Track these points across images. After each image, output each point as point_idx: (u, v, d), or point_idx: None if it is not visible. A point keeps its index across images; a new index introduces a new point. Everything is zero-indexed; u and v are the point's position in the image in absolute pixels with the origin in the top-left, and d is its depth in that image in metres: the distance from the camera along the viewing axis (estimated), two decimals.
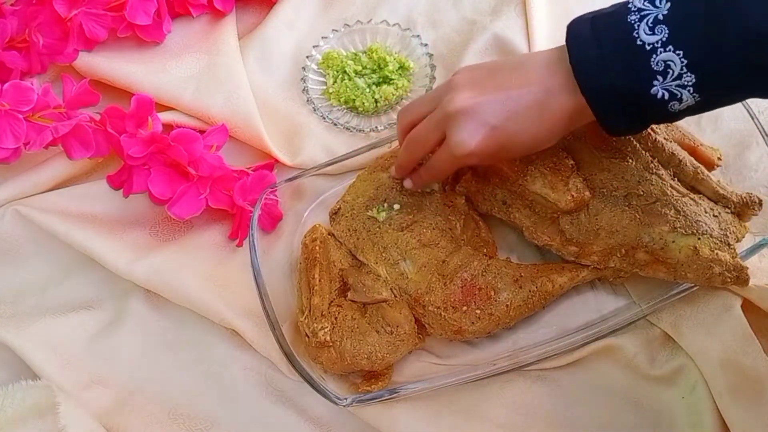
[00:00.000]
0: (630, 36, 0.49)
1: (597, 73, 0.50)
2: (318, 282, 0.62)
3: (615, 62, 0.50)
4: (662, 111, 0.50)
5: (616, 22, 0.50)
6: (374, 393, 0.60)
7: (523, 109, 0.54)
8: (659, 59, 0.48)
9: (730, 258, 0.59)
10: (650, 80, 0.49)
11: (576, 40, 0.52)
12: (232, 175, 0.69)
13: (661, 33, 0.48)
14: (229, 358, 0.66)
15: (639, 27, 0.49)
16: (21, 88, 0.65)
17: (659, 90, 0.49)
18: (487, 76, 0.56)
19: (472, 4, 0.82)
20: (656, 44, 0.48)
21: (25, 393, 0.61)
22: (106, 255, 0.68)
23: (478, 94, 0.55)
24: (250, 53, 0.79)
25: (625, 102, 0.51)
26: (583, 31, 0.52)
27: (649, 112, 0.51)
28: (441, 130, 0.57)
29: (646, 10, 0.49)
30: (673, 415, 0.62)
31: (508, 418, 0.62)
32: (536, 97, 0.53)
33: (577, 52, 0.51)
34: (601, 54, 0.50)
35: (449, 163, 0.58)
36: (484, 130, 0.54)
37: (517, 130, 0.54)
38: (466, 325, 0.61)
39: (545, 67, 0.54)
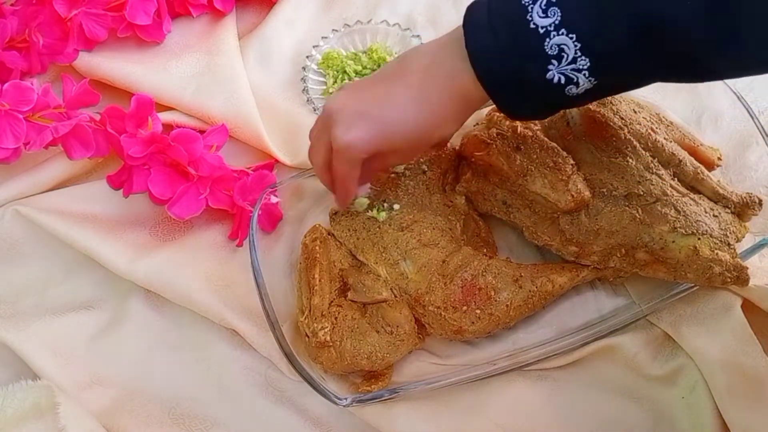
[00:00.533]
0: (524, 19, 0.48)
1: (492, 60, 0.49)
2: (318, 282, 0.62)
3: (509, 47, 0.48)
4: (560, 95, 0.49)
5: (510, 6, 0.49)
6: (374, 393, 0.60)
7: (399, 94, 0.52)
8: (553, 43, 0.47)
9: (730, 258, 0.59)
10: (545, 64, 0.48)
11: (472, 26, 0.51)
12: (232, 175, 0.69)
13: (554, 16, 0.47)
14: (229, 358, 0.66)
15: (533, 10, 0.47)
16: (21, 88, 0.65)
17: (555, 74, 0.48)
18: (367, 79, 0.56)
19: None
20: (549, 27, 0.47)
21: (25, 393, 0.61)
22: (106, 255, 0.68)
23: (354, 92, 0.55)
24: (250, 53, 0.79)
25: (522, 88, 0.50)
26: (480, 15, 0.50)
27: (548, 96, 0.50)
28: (326, 134, 0.55)
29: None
30: (673, 415, 0.62)
31: (508, 418, 0.62)
32: (417, 81, 0.52)
33: (473, 39, 0.50)
34: (495, 40, 0.49)
35: (342, 164, 0.56)
36: (359, 119, 0.53)
37: (396, 114, 0.53)
38: (466, 325, 0.61)
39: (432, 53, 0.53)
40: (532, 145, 0.64)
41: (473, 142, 0.66)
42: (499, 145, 0.64)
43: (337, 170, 0.57)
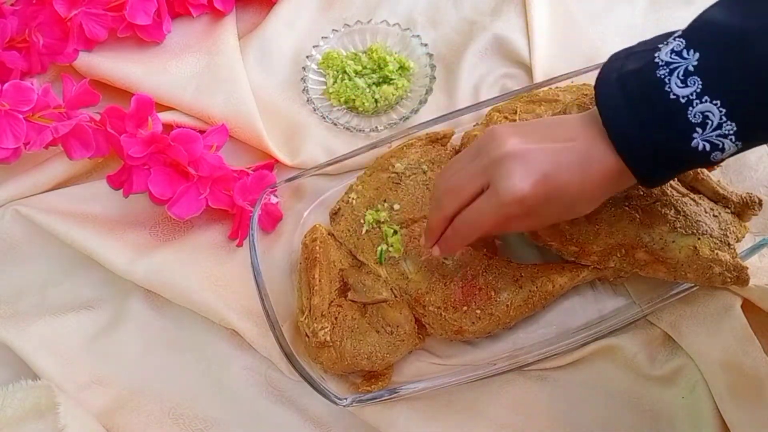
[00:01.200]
0: (662, 91, 0.47)
1: (634, 135, 0.49)
2: (318, 282, 0.62)
3: (651, 121, 0.48)
4: (704, 161, 0.49)
5: (646, 80, 0.48)
6: (374, 393, 0.60)
7: (569, 162, 0.51)
8: (696, 111, 0.47)
9: (730, 258, 0.59)
10: (689, 133, 0.47)
11: (607, 105, 0.50)
12: (232, 175, 0.69)
13: (695, 84, 0.46)
14: (229, 358, 0.66)
15: (670, 81, 0.47)
16: (21, 88, 0.65)
17: (699, 142, 0.47)
18: (529, 127, 0.53)
19: (472, 4, 0.82)
20: (691, 96, 0.46)
21: (25, 393, 0.61)
22: (106, 255, 0.68)
23: (527, 141, 0.52)
24: (250, 53, 0.79)
25: (665, 158, 0.49)
26: (614, 94, 0.50)
27: (692, 164, 0.50)
28: (485, 177, 0.52)
29: (674, 63, 0.47)
30: (673, 415, 0.62)
31: (508, 418, 0.62)
32: (579, 153, 0.51)
33: (610, 117, 0.50)
34: (634, 115, 0.48)
35: (492, 214, 0.52)
36: (536, 177, 0.50)
37: (566, 182, 0.51)
38: (466, 325, 0.61)
39: (582, 126, 0.52)
40: None
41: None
42: None
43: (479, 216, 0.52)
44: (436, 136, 0.69)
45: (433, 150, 0.68)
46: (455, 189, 0.54)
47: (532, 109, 0.68)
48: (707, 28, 0.48)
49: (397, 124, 0.75)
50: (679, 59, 0.47)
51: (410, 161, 0.67)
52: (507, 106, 0.69)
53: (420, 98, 0.76)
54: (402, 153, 0.68)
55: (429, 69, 0.77)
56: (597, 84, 0.51)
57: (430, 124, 0.69)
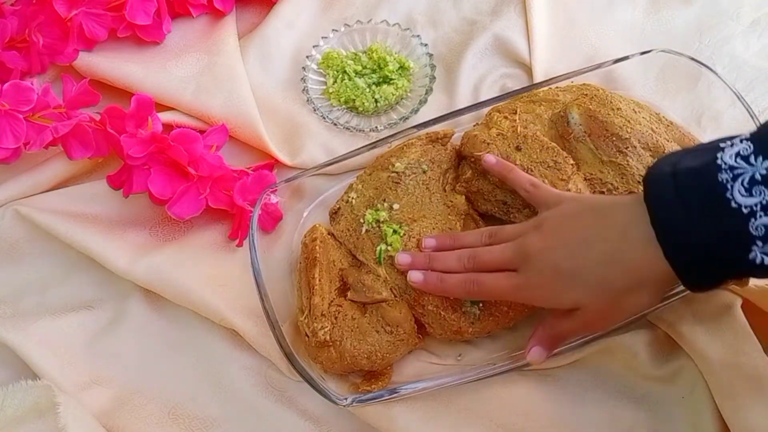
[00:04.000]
0: (723, 198, 0.44)
1: (684, 239, 0.46)
2: (318, 282, 0.62)
3: (706, 227, 0.45)
4: (760, 273, 0.46)
5: (705, 182, 0.45)
6: (374, 393, 0.60)
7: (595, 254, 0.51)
8: (759, 224, 0.43)
9: None
10: (749, 245, 0.44)
11: (659, 201, 0.47)
12: (232, 175, 0.69)
13: (760, 195, 0.43)
14: (229, 358, 0.66)
15: (733, 188, 0.44)
16: (21, 88, 0.65)
17: (758, 255, 0.44)
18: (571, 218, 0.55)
19: (472, 4, 0.82)
20: (755, 207, 0.43)
21: (25, 393, 0.61)
22: (106, 255, 0.68)
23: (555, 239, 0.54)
24: (250, 53, 0.79)
25: (717, 267, 0.47)
26: (666, 190, 0.47)
27: (746, 275, 0.48)
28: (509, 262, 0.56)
29: (739, 169, 0.44)
30: (673, 415, 0.62)
31: (508, 418, 0.62)
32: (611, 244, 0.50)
33: (660, 216, 0.47)
34: (688, 218, 0.45)
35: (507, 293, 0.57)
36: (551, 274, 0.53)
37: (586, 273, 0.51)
38: (466, 325, 0.61)
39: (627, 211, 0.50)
40: (532, 145, 0.64)
41: (473, 142, 0.66)
42: (499, 145, 0.64)
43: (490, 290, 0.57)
44: (436, 135, 0.69)
45: (433, 150, 0.68)
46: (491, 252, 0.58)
47: (532, 109, 0.68)
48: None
49: (397, 124, 0.75)
50: (745, 165, 0.44)
51: (410, 161, 0.67)
52: (507, 106, 0.69)
53: (420, 98, 0.76)
54: (402, 153, 0.68)
55: (429, 69, 0.77)
56: (647, 176, 0.49)
57: (430, 124, 0.69)
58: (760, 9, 0.81)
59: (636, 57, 0.71)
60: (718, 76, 0.69)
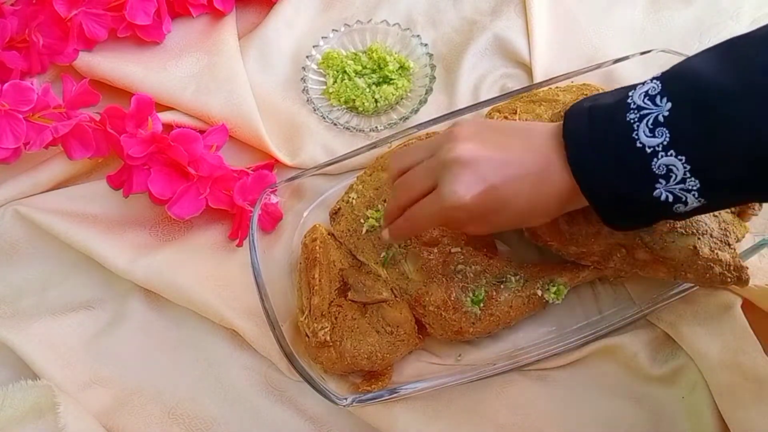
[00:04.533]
0: (629, 137, 0.46)
1: (595, 176, 0.48)
2: (318, 282, 0.62)
3: (614, 164, 0.47)
4: (667, 212, 0.48)
5: (615, 120, 0.47)
6: (374, 393, 0.60)
7: (523, 175, 0.50)
8: (660, 163, 0.46)
9: (730, 258, 0.59)
10: (652, 183, 0.46)
11: (573, 136, 0.49)
12: (232, 175, 0.69)
13: (662, 136, 0.45)
14: (229, 358, 0.66)
15: (639, 128, 0.46)
16: (21, 88, 0.65)
17: (662, 192, 0.47)
18: (489, 132, 0.53)
19: (472, 4, 0.82)
20: (657, 147, 0.46)
21: (25, 393, 0.61)
22: (106, 255, 0.68)
23: (481, 148, 0.51)
24: (250, 53, 0.79)
25: (626, 203, 0.48)
26: (581, 125, 0.49)
27: (654, 212, 0.49)
28: (433, 177, 0.53)
29: (646, 109, 0.46)
30: (673, 415, 0.62)
31: (508, 418, 0.62)
32: (537, 166, 0.50)
33: (574, 151, 0.49)
34: (599, 156, 0.48)
35: (433, 214, 0.53)
36: (482, 186, 0.50)
37: (515, 194, 0.50)
38: (466, 325, 0.61)
39: (548, 138, 0.51)
40: None
41: None
42: None
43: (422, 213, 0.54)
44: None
45: None
46: (408, 184, 0.55)
47: (532, 109, 0.68)
48: (686, 79, 0.46)
49: (397, 124, 0.75)
50: (651, 106, 0.46)
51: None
52: (507, 106, 0.69)
53: (420, 98, 0.76)
54: None
55: (429, 69, 0.77)
56: (569, 108, 0.51)
57: (430, 124, 0.69)
58: (760, 9, 0.81)
59: (636, 57, 0.71)
60: None
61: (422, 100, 0.75)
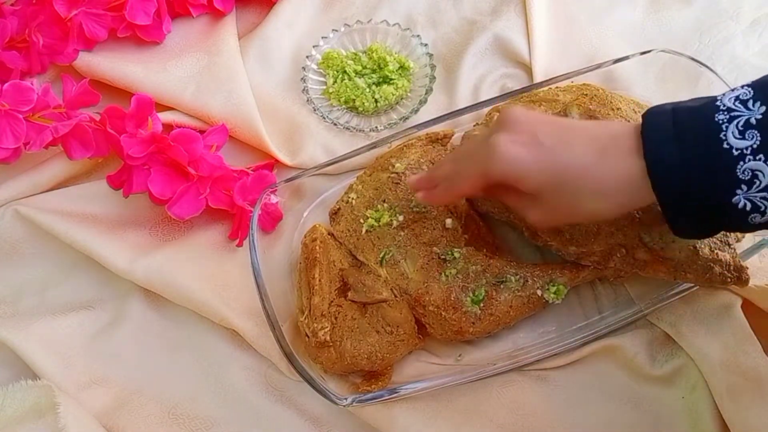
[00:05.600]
0: (717, 137, 0.44)
1: (673, 172, 0.45)
2: (318, 282, 0.62)
3: (696, 164, 0.45)
4: (740, 221, 0.46)
5: (702, 120, 0.45)
6: (374, 393, 0.60)
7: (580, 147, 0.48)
8: (746, 167, 0.44)
9: (730, 258, 0.59)
10: (733, 188, 0.44)
11: (654, 133, 0.46)
12: (232, 175, 0.69)
13: (752, 139, 0.43)
14: (229, 358, 0.66)
15: (728, 129, 0.44)
16: (21, 88, 0.65)
17: (741, 199, 0.44)
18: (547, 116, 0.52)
19: (472, 4, 0.82)
20: (745, 150, 0.44)
21: (25, 393, 0.61)
22: (106, 255, 0.68)
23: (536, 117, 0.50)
24: (250, 53, 0.79)
25: (701, 206, 0.46)
26: (663, 123, 0.46)
27: (726, 220, 0.47)
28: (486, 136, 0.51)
29: (736, 111, 0.44)
30: (673, 415, 0.62)
31: (508, 418, 0.62)
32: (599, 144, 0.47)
33: (653, 147, 0.46)
34: (680, 151, 0.45)
35: (477, 172, 0.51)
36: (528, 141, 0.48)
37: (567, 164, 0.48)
38: (466, 325, 0.61)
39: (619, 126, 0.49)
40: None
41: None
42: None
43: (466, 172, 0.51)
44: (436, 136, 0.69)
45: (433, 150, 0.68)
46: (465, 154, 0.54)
47: (532, 109, 0.68)
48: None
49: (397, 124, 0.75)
50: (743, 109, 0.44)
51: (410, 161, 0.67)
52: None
53: (420, 98, 0.76)
54: (402, 153, 0.68)
55: (429, 69, 0.77)
56: (648, 110, 0.48)
57: (430, 124, 0.69)
58: (760, 9, 0.81)
59: (636, 57, 0.71)
60: (718, 76, 0.69)
61: (422, 100, 0.75)
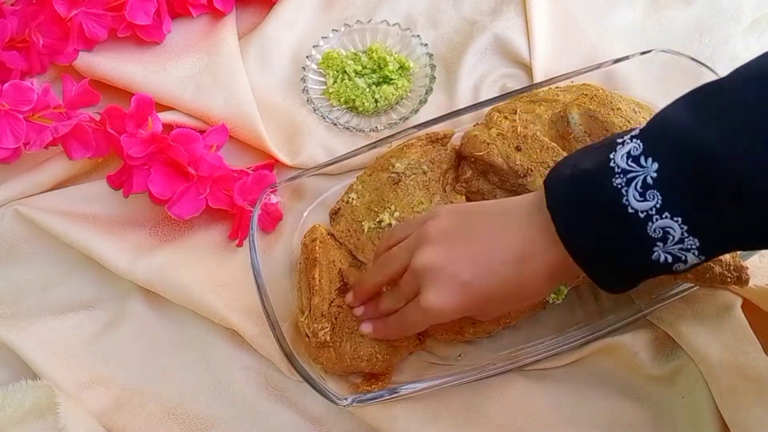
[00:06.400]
0: (620, 204, 0.44)
1: (589, 245, 0.46)
2: (318, 282, 0.62)
3: (608, 232, 0.45)
4: (666, 271, 0.46)
5: (602, 188, 0.45)
6: (374, 393, 0.60)
7: (498, 264, 0.50)
8: (656, 226, 0.44)
9: (730, 258, 0.59)
10: (650, 247, 0.45)
11: (559, 208, 0.47)
12: (232, 175, 0.69)
13: (654, 199, 0.43)
14: (229, 358, 0.66)
15: (628, 193, 0.44)
16: (21, 88, 0.65)
17: (661, 254, 0.45)
18: (461, 223, 0.53)
19: (472, 4, 0.82)
20: (650, 211, 0.44)
21: (25, 393, 0.61)
22: (106, 255, 0.68)
23: (450, 249, 0.52)
24: (250, 53, 0.79)
25: (623, 267, 0.47)
26: (566, 196, 0.47)
27: (652, 273, 0.47)
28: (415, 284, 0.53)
29: (632, 172, 0.44)
30: (673, 415, 0.62)
31: (508, 418, 0.62)
32: (517, 247, 0.50)
33: (563, 224, 0.47)
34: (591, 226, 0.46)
35: (421, 319, 0.55)
36: (458, 289, 0.51)
37: (496, 284, 0.50)
38: (466, 325, 0.61)
39: (526, 215, 0.50)
40: (532, 145, 0.64)
41: (473, 142, 0.66)
42: (499, 145, 0.64)
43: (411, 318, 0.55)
44: (436, 136, 0.69)
45: (433, 150, 0.68)
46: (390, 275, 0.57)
47: (532, 109, 0.68)
48: (666, 134, 0.44)
49: (397, 124, 0.75)
50: (636, 167, 0.44)
51: (410, 161, 0.67)
52: (507, 106, 0.69)
53: (420, 98, 0.76)
54: (402, 153, 0.68)
55: (429, 69, 0.77)
56: (548, 177, 0.49)
57: (430, 124, 0.69)
58: (760, 9, 0.81)
59: (636, 57, 0.71)
60: (718, 76, 0.69)
61: (422, 100, 0.75)
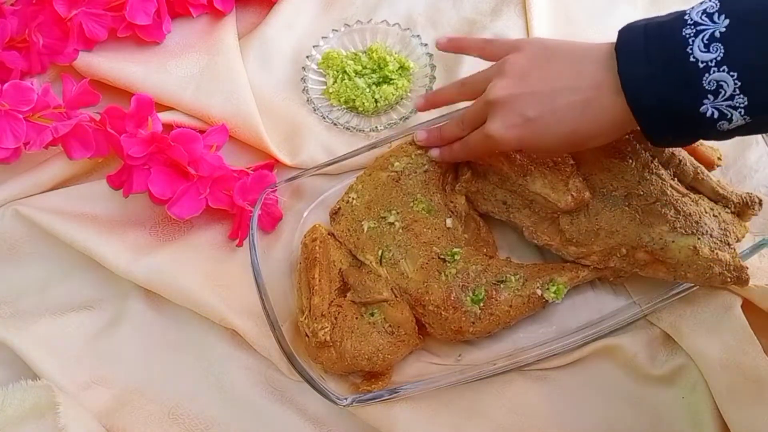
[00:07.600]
0: (683, 51, 0.47)
1: (644, 88, 0.49)
2: (318, 282, 0.62)
3: (665, 77, 0.48)
4: (711, 129, 0.49)
5: (670, 35, 0.49)
6: (374, 393, 0.60)
7: (564, 106, 0.53)
8: (711, 78, 0.47)
9: (730, 258, 0.59)
10: (700, 98, 0.48)
11: (625, 50, 0.51)
12: (232, 175, 0.69)
13: (717, 52, 0.47)
14: (229, 358, 0.66)
15: (694, 43, 0.47)
16: (21, 88, 0.65)
17: (709, 108, 0.48)
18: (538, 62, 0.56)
19: (472, 4, 0.82)
20: (710, 63, 0.47)
21: (25, 393, 0.61)
22: (106, 255, 0.68)
23: (521, 85, 0.55)
24: (250, 53, 0.79)
25: (672, 117, 0.50)
26: (635, 40, 0.50)
27: (698, 128, 0.50)
28: (484, 113, 0.58)
29: (702, 25, 0.47)
30: (673, 415, 0.62)
31: (508, 418, 0.62)
32: (582, 94, 0.53)
33: (625, 65, 0.50)
34: (650, 68, 0.49)
35: (482, 146, 0.59)
36: (519, 122, 0.55)
37: (557, 122, 0.54)
38: (466, 325, 0.61)
39: (600, 62, 0.53)
40: None
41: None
42: None
43: (474, 144, 0.60)
44: None
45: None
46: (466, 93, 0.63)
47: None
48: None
49: (397, 124, 0.75)
50: (708, 22, 0.47)
51: (410, 161, 0.67)
52: None
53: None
54: (402, 153, 0.68)
55: (429, 69, 0.77)
56: (623, 27, 0.52)
57: (429, 124, 0.69)
58: None
59: None
60: None
61: None
